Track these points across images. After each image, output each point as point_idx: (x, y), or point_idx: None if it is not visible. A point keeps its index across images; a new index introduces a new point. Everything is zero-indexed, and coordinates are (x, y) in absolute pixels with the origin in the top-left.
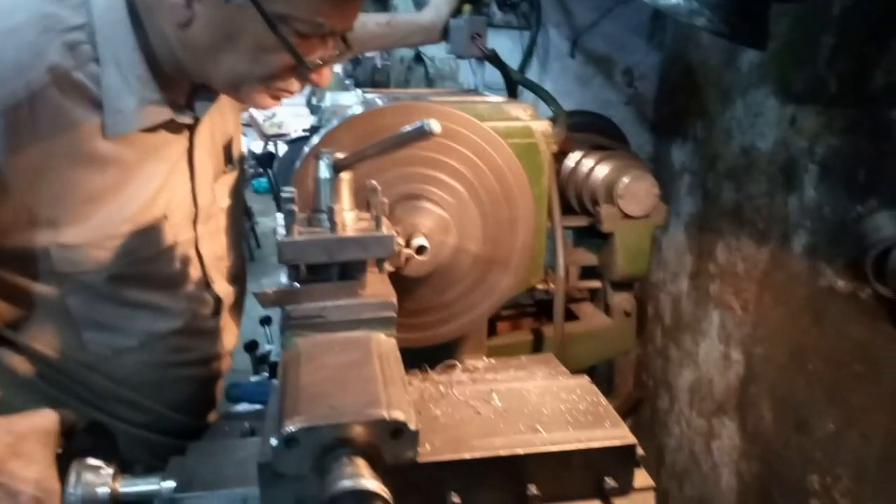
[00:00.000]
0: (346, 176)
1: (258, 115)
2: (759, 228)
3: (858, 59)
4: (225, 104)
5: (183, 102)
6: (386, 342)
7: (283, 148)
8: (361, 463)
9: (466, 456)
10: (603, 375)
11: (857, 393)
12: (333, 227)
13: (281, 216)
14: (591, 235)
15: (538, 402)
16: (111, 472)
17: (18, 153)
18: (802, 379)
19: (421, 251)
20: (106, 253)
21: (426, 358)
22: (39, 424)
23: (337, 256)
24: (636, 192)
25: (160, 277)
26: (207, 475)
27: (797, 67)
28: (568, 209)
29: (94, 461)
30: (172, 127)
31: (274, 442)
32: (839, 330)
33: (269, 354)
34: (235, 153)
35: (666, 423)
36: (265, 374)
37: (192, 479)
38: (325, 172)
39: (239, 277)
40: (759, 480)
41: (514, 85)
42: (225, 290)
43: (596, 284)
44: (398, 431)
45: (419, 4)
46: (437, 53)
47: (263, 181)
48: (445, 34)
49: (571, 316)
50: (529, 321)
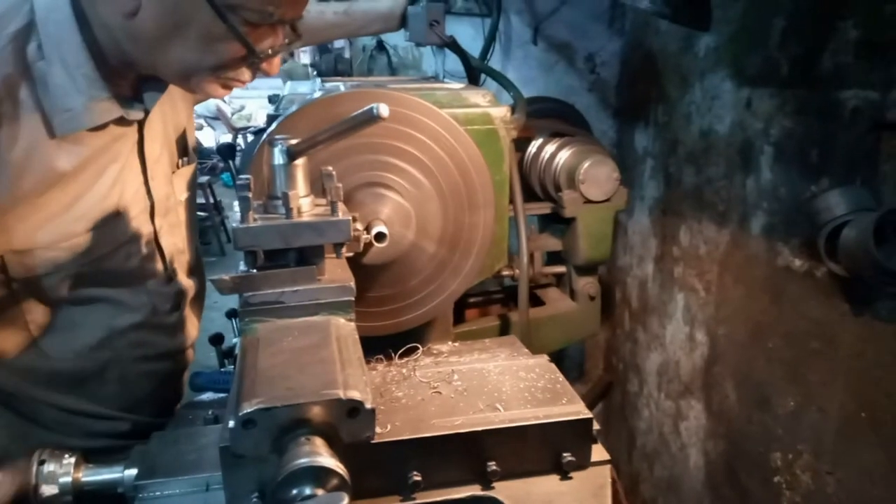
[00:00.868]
0: (300, 162)
1: (226, 108)
2: (719, 211)
3: (808, 41)
4: (176, 95)
5: (131, 94)
6: (345, 326)
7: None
8: (319, 442)
9: (426, 434)
10: (574, 361)
11: (814, 369)
12: (289, 212)
13: (236, 203)
14: (555, 221)
15: (498, 381)
16: (73, 461)
17: None
18: (763, 357)
19: (380, 238)
20: (62, 254)
21: (393, 345)
22: None
23: (293, 242)
24: (597, 176)
25: (121, 274)
26: (170, 462)
27: (751, 51)
28: (532, 195)
29: (56, 450)
30: (122, 122)
31: (231, 424)
32: (796, 308)
33: (235, 348)
34: (190, 144)
35: (636, 405)
36: (231, 367)
37: (155, 466)
38: (279, 159)
39: (197, 269)
40: (724, 459)
41: (474, 72)
42: (186, 283)
43: (561, 269)
44: (354, 410)
45: None
46: (399, 42)
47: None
48: (404, 22)
49: (538, 301)
50: (497, 307)
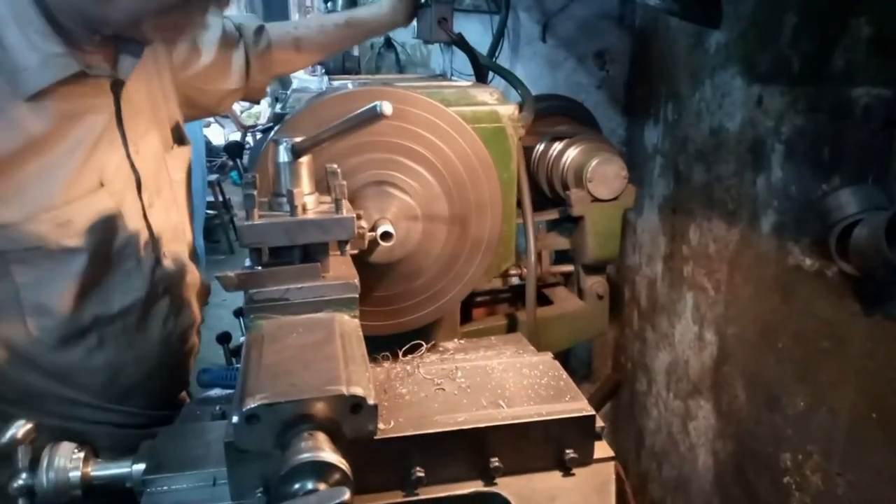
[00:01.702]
0: (305, 160)
1: (235, 106)
2: (729, 209)
3: (820, 38)
4: (168, 89)
5: (101, 62)
6: (349, 322)
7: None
8: (322, 437)
9: (429, 431)
10: (582, 360)
11: (824, 369)
12: (293, 210)
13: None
14: (563, 220)
15: (501, 378)
16: (82, 455)
17: None
18: (773, 357)
19: (386, 237)
20: (44, 226)
21: (399, 344)
22: None
23: (298, 239)
24: (605, 174)
25: (106, 249)
26: (178, 457)
27: (762, 48)
28: (539, 194)
29: (66, 444)
30: (93, 91)
31: (235, 419)
32: (807, 308)
33: (242, 346)
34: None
35: (644, 405)
36: (239, 365)
37: (162, 461)
38: (283, 156)
39: (196, 252)
40: (734, 459)
41: (482, 69)
42: (182, 264)
43: (569, 269)
44: (357, 406)
45: None
46: (408, 40)
47: None
48: (412, 17)
49: (546, 300)
50: (505, 307)
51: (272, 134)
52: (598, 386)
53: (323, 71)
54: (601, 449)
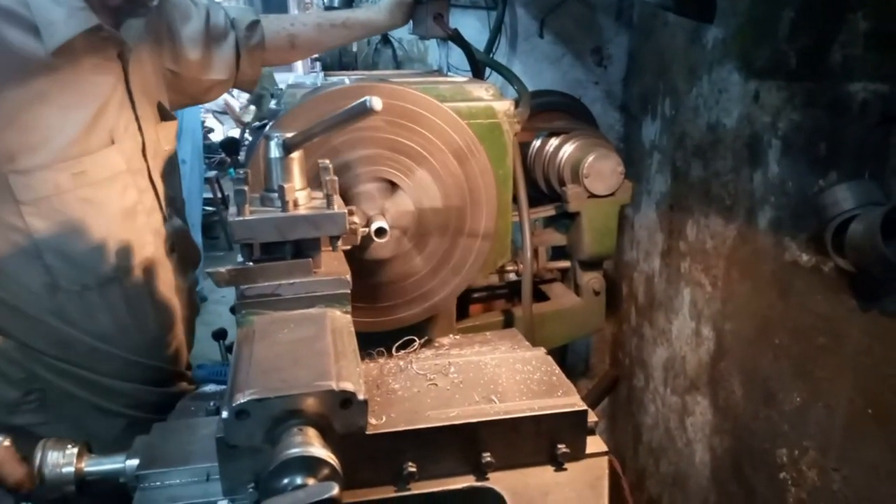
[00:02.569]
0: (296, 155)
1: (234, 102)
2: (726, 205)
3: (817, 33)
4: (159, 72)
5: (110, 24)
6: (340, 318)
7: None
8: (312, 432)
9: (422, 426)
10: (580, 356)
11: (821, 365)
12: (285, 205)
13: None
14: (559, 216)
15: (494, 373)
16: (76, 451)
17: None
18: (770, 353)
19: (380, 233)
20: (62, 176)
21: (394, 340)
22: None
23: (289, 235)
24: (601, 170)
25: (117, 204)
26: (172, 452)
27: (759, 43)
28: (536, 190)
29: (60, 439)
30: (103, 55)
31: (225, 414)
32: (803, 303)
33: None
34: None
35: (642, 401)
36: None
37: (156, 456)
38: (275, 152)
39: (184, 217)
40: (730, 455)
41: (478, 65)
42: (182, 226)
43: (565, 265)
44: (347, 402)
45: None
46: (404, 36)
47: None
48: (409, 18)
49: (542, 296)
50: (501, 303)
51: (266, 130)
52: (595, 382)
53: (320, 66)
54: (594, 444)
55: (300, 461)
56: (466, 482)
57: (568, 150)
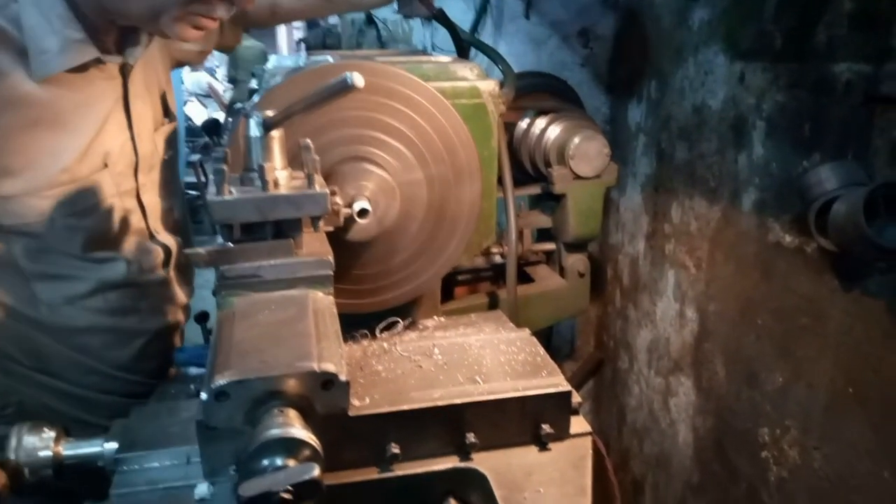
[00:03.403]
0: (276, 134)
1: (218, 86)
2: (710, 187)
3: (802, 13)
4: (157, 58)
5: (113, 49)
6: (322, 299)
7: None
8: (293, 414)
9: (405, 407)
10: (565, 338)
11: (803, 345)
12: (265, 185)
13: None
14: (545, 198)
15: (479, 354)
16: (53, 434)
17: None
18: (752, 333)
19: (363, 214)
20: (47, 203)
21: (378, 321)
22: None
23: (269, 215)
24: (587, 152)
25: (104, 227)
26: (151, 436)
27: (745, 24)
28: (522, 172)
29: (36, 423)
30: (104, 73)
31: (204, 396)
32: (786, 284)
33: None
34: (171, 106)
35: (626, 382)
36: None
37: (135, 440)
38: (254, 131)
39: (184, 230)
40: (713, 435)
41: (463, 45)
42: (170, 240)
43: (550, 247)
44: (329, 383)
45: None
46: (389, 16)
47: None
48: None
49: (528, 278)
50: (486, 285)
51: (246, 108)
52: (580, 364)
53: (304, 47)
54: (578, 424)
55: (280, 443)
56: (450, 463)
57: (554, 131)
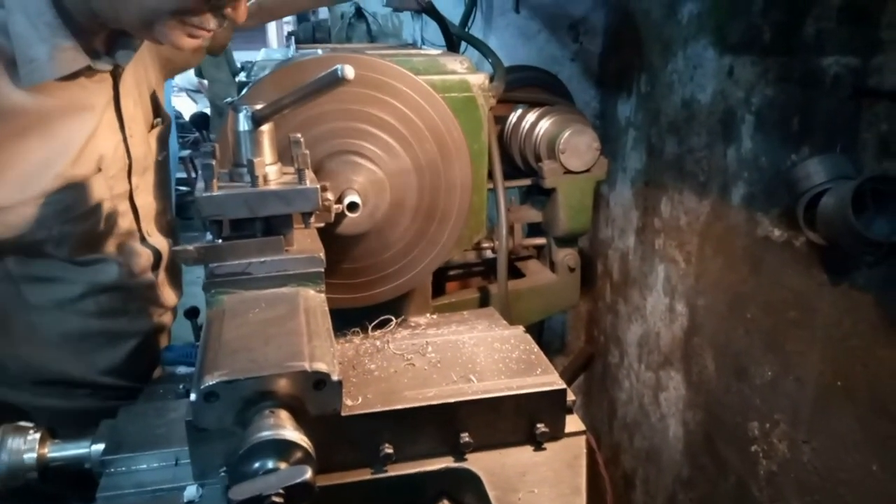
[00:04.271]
0: (266, 128)
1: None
2: (700, 181)
3: (790, 7)
4: (146, 58)
5: (102, 50)
6: (314, 297)
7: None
8: (284, 415)
9: (398, 406)
10: (555, 333)
11: (792, 339)
12: (254, 180)
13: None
14: (535, 192)
15: (472, 352)
16: (38, 436)
17: None
18: (742, 328)
19: (353, 208)
20: (41, 210)
21: (370, 318)
22: None
23: (259, 211)
24: (577, 146)
25: (96, 231)
26: (139, 437)
27: (734, 17)
28: (512, 166)
29: (21, 425)
30: (94, 77)
31: (193, 397)
32: (775, 278)
33: None
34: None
35: (617, 377)
36: None
37: (122, 441)
38: (244, 125)
39: (174, 231)
40: (703, 429)
41: (453, 39)
42: (161, 243)
43: (541, 241)
44: (321, 383)
45: None
46: (379, 10)
47: None
48: None
49: (518, 273)
50: (477, 280)
51: (235, 101)
52: (571, 359)
53: (294, 40)
54: (572, 423)
55: (271, 444)
56: (444, 463)
57: (544, 125)
